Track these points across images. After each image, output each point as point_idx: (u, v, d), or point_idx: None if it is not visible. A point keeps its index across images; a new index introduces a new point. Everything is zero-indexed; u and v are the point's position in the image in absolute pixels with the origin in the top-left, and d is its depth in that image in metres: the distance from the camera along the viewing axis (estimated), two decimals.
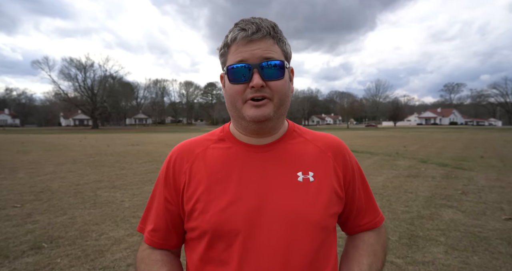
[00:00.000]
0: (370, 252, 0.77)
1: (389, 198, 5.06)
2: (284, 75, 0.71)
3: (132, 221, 3.92)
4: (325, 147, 0.79)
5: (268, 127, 0.74)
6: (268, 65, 0.68)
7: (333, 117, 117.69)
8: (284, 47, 0.73)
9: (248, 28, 0.68)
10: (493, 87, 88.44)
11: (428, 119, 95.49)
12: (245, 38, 0.68)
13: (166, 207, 0.78)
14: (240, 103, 0.71)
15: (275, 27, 0.71)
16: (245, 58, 0.68)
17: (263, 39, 0.69)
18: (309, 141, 0.80)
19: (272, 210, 0.69)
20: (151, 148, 14.98)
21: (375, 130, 45.20)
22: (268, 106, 0.69)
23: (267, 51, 0.68)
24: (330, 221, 0.73)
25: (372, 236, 0.82)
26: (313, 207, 0.70)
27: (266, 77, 0.68)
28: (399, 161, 9.64)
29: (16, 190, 5.61)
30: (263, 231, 0.68)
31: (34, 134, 33.44)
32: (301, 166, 0.74)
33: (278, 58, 0.70)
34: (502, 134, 29.74)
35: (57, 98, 71.07)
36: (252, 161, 0.74)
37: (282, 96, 0.71)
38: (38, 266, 2.71)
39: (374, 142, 19.32)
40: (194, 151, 0.79)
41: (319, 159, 0.77)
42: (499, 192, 5.46)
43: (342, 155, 0.80)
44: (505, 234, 3.43)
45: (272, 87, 0.69)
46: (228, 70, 0.71)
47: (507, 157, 10.55)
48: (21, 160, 10.06)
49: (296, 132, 0.82)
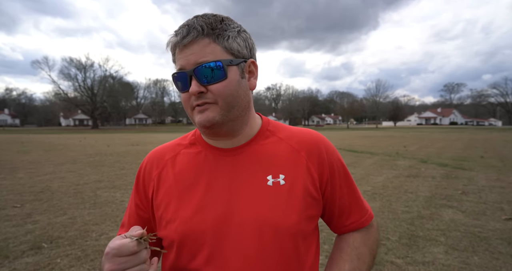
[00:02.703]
0: (353, 256, 0.73)
1: (389, 198, 5.06)
2: (226, 75, 0.64)
3: None
4: (298, 146, 0.73)
5: (222, 131, 0.69)
6: (202, 69, 0.62)
7: (333, 117, 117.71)
8: (226, 43, 0.64)
9: (179, 32, 0.63)
10: (493, 87, 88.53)
11: (428, 119, 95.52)
12: (177, 44, 0.64)
13: (138, 213, 0.78)
14: (189, 111, 0.68)
15: (215, 22, 0.64)
16: (183, 65, 0.64)
17: (196, 42, 0.63)
18: (282, 140, 0.74)
19: (240, 218, 0.66)
20: (151, 148, 14.89)
21: (375, 131, 45.16)
22: (212, 110, 0.65)
23: (200, 55, 0.63)
24: (305, 225, 0.69)
25: (358, 237, 0.77)
26: (284, 212, 0.66)
27: (203, 82, 0.63)
28: (399, 161, 9.64)
29: (16, 190, 5.61)
30: (230, 240, 0.66)
31: (34, 134, 33.44)
32: (272, 168, 0.70)
33: (214, 59, 0.63)
34: (502, 134, 29.74)
35: (57, 98, 71.10)
36: (221, 165, 0.71)
37: (228, 98, 0.65)
38: (38, 266, 2.71)
39: (374, 142, 19.32)
40: (164, 157, 0.77)
41: (291, 159, 0.71)
42: (499, 192, 5.46)
43: (318, 152, 0.73)
44: (505, 234, 3.43)
45: (213, 91, 0.64)
46: (172, 78, 0.68)
47: (507, 157, 10.55)
48: (21, 160, 10.06)
49: (270, 131, 0.76)
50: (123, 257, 0.54)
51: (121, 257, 0.54)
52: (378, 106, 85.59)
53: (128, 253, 0.54)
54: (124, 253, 0.54)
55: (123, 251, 0.54)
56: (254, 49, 0.72)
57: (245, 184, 0.69)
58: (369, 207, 0.82)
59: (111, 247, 0.55)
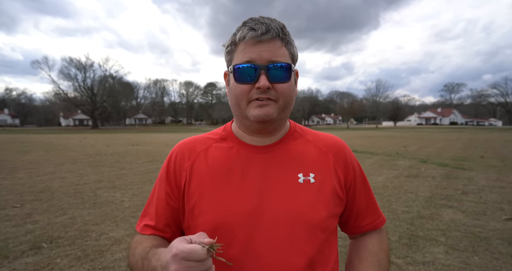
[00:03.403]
0: (375, 263, 0.76)
1: (389, 198, 5.06)
2: (290, 78, 0.71)
3: (132, 221, 3.91)
4: (326, 148, 0.79)
5: (270, 128, 0.75)
6: (275, 67, 0.68)
7: (333, 117, 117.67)
8: (292, 50, 0.72)
9: (258, 28, 0.67)
10: (493, 87, 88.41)
11: (428, 119, 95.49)
12: (254, 38, 0.67)
13: (168, 202, 0.78)
14: (244, 103, 0.71)
15: (284, 28, 0.70)
16: (253, 58, 0.68)
17: (272, 41, 0.68)
18: (310, 142, 0.80)
19: (272, 212, 0.69)
20: (151, 148, 14.97)
21: (375, 131, 45.16)
22: (272, 107, 0.69)
23: (275, 54, 0.68)
24: (331, 222, 0.74)
25: (375, 244, 0.81)
26: (314, 208, 0.71)
27: (272, 80, 0.68)
28: (399, 161, 9.63)
29: (16, 190, 5.61)
30: (263, 232, 0.69)
31: (34, 134, 33.43)
32: (302, 167, 0.75)
33: (286, 61, 0.69)
34: (502, 134, 29.73)
35: (57, 98, 71.03)
36: (253, 161, 0.75)
37: (287, 99, 0.71)
38: (38, 266, 2.71)
39: (374, 142, 19.32)
40: (196, 149, 0.79)
41: (320, 160, 0.77)
42: (499, 192, 5.46)
43: (344, 156, 0.79)
44: (505, 234, 3.43)
45: (278, 89, 0.69)
46: (234, 69, 0.70)
47: (507, 157, 10.55)
48: (21, 160, 10.06)
49: (298, 133, 0.82)
50: (191, 262, 0.54)
51: (189, 261, 0.54)
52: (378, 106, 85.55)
53: (198, 259, 0.54)
54: (193, 259, 0.54)
55: (193, 256, 0.54)
56: None
57: (277, 180, 0.72)
58: (381, 211, 0.87)
59: (181, 250, 0.54)
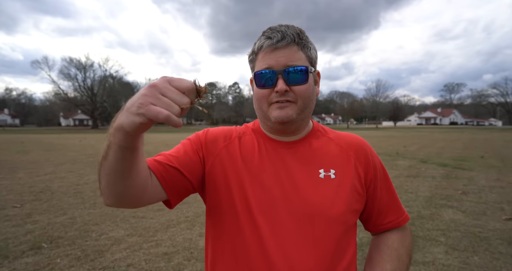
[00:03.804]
0: (394, 257, 0.78)
1: None
2: (307, 80, 0.75)
3: (132, 221, 3.91)
4: (347, 146, 0.83)
5: (292, 128, 0.79)
6: (292, 71, 0.72)
7: (333, 117, 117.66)
8: (309, 53, 0.76)
9: (274, 36, 0.72)
10: (493, 87, 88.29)
11: (428, 119, 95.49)
12: (270, 46, 0.72)
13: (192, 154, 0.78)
14: (265, 106, 0.76)
15: (301, 33, 0.74)
16: (271, 65, 0.73)
17: (288, 47, 0.73)
18: (332, 140, 0.84)
19: (293, 203, 0.73)
20: (151, 148, 14.96)
21: (375, 131, 45.18)
22: (292, 108, 0.74)
23: (291, 59, 0.72)
24: (350, 217, 0.77)
25: (396, 240, 0.83)
26: (333, 202, 0.74)
27: (290, 83, 0.73)
28: (399, 161, 9.63)
29: (16, 190, 5.61)
30: (283, 221, 0.72)
31: (34, 134, 33.43)
32: (323, 163, 0.79)
33: (302, 64, 0.73)
34: (502, 134, 29.74)
35: (57, 98, 71.00)
36: (279, 155, 0.80)
37: (306, 100, 0.76)
38: (37, 266, 2.71)
39: (374, 142, 19.32)
40: (232, 135, 0.85)
41: (341, 157, 0.80)
42: (499, 192, 5.46)
43: (364, 154, 0.83)
44: (505, 234, 3.43)
45: (296, 91, 0.74)
46: (255, 75, 0.76)
47: (507, 157, 10.55)
48: (21, 160, 10.06)
49: (320, 132, 0.86)
50: (171, 88, 0.49)
51: (169, 86, 0.49)
52: (378, 106, 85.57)
53: (182, 86, 0.50)
54: (178, 84, 0.50)
55: (179, 81, 0.50)
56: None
57: (299, 174, 0.77)
58: (405, 210, 0.88)
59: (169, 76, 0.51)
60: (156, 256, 2.94)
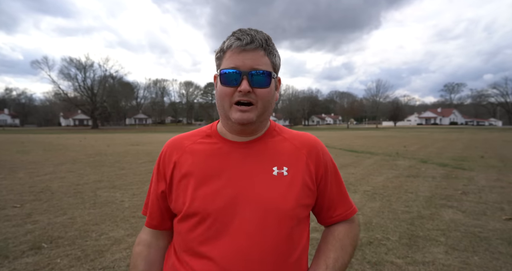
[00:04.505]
0: (337, 247, 0.85)
1: (389, 198, 5.06)
2: (270, 85, 0.79)
3: (132, 221, 3.91)
4: (300, 145, 0.87)
5: (251, 129, 0.84)
6: (256, 74, 0.76)
7: (333, 117, 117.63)
8: (274, 59, 0.80)
9: (243, 38, 0.76)
10: (493, 87, 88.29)
11: (428, 119, 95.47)
12: (239, 47, 0.76)
13: (158, 199, 0.90)
14: (227, 104, 0.79)
15: (268, 40, 0.79)
16: (237, 65, 0.76)
17: (255, 50, 0.76)
18: (286, 139, 0.88)
19: (248, 200, 0.78)
20: (151, 148, 14.97)
21: (375, 131, 45.15)
22: (252, 112, 0.78)
23: (257, 62, 0.76)
24: (301, 211, 0.82)
25: (342, 231, 0.89)
26: (285, 198, 0.79)
27: (253, 85, 0.77)
28: (399, 161, 9.63)
29: (16, 190, 5.61)
30: (239, 218, 0.77)
31: (33, 134, 33.44)
32: (277, 161, 0.83)
33: (266, 69, 0.78)
34: (502, 134, 29.73)
35: (57, 98, 70.97)
36: (233, 155, 0.84)
37: (266, 103, 0.80)
38: (37, 266, 2.71)
39: (374, 142, 19.32)
40: (183, 144, 0.89)
41: (294, 155, 0.85)
42: (499, 192, 5.46)
43: (316, 152, 0.87)
44: (505, 234, 3.43)
45: (258, 94, 0.78)
46: (221, 74, 0.79)
47: (507, 157, 10.55)
48: (21, 160, 10.06)
49: (276, 131, 0.91)
50: None
51: None
52: (378, 106, 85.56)
53: None
54: None
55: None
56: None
57: (254, 172, 0.81)
58: (353, 203, 0.95)
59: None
60: None
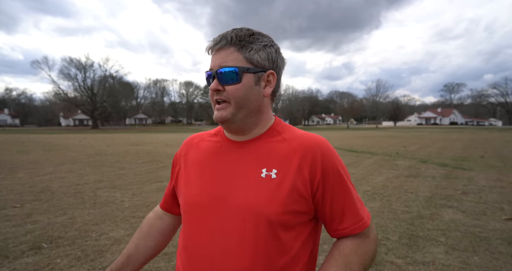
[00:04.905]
0: (340, 263, 0.76)
1: (389, 198, 5.06)
2: (240, 80, 0.76)
3: (132, 221, 3.91)
4: (297, 146, 0.80)
5: (233, 127, 0.82)
6: (223, 72, 0.76)
7: (333, 117, 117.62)
8: (248, 54, 0.77)
9: (214, 39, 0.78)
10: (493, 87, 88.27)
11: (428, 119, 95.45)
12: (210, 48, 0.79)
13: (169, 188, 1.00)
14: (213, 105, 0.82)
15: (244, 36, 0.77)
16: (211, 66, 0.79)
17: (223, 49, 0.77)
18: (285, 140, 0.82)
19: (230, 200, 0.77)
20: (151, 148, 14.97)
21: (375, 131, 45.16)
22: (226, 109, 0.78)
23: (224, 60, 0.76)
24: (289, 218, 0.75)
25: (348, 246, 0.79)
26: (268, 202, 0.74)
27: (222, 82, 0.77)
28: (399, 161, 9.63)
29: (16, 190, 5.61)
30: (219, 217, 0.78)
31: (34, 134, 33.43)
32: (268, 163, 0.79)
33: (234, 65, 0.76)
34: (502, 134, 29.74)
35: (57, 98, 70.95)
36: (229, 155, 0.84)
37: (239, 99, 0.78)
38: (37, 266, 2.71)
39: (374, 142, 19.32)
40: (193, 141, 0.95)
41: (287, 157, 0.79)
42: (499, 192, 5.46)
43: (313, 154, 0.78)
44: (505, 234, 3.43)
45: (228, 91, 0.77)
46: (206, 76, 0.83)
47: (507, 157, 10.55)
48: (21, 160, 10.06)
49: (277, 131, 0.85)
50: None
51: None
52: (378, 106, 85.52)
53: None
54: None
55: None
56: (279, 63, 0.83)
57: (243, 173, 0.79)
58: (366, 216, 0.82)
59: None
60: (156, 256, 2.94)
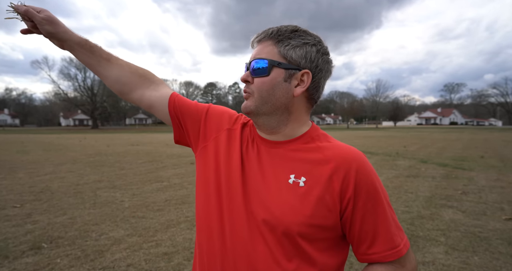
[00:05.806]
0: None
1: (389, 198, 5.05)
2: (268, 74, 0.73)
3: (132, 221, 3.91)
4: (331, 157, 0.74)
5: (259, 122, 0.79)
6: (254, 64, 0.75)
7: (333, 117, 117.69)
8: (283, 49, 0.73)
9: (257, 33, 0.78)
10: (493, 87, 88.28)
11: (428, 119, 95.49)
12: (252, 42, 0.79)
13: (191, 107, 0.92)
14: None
15: (286, 31, 0.74)
16: (251, 58, 0.78)
17: (262, 42, 0.76)
18: (319, 148, 0.77)
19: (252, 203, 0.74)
20: (151, 147, 14.97)
21: (375, 131, 45.15)
22: (250, 100, 0.77)
23: (259, 52, 0.75)
24: (312, 232, 0.70)
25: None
26: (292, 210, 0.70)
27: (252, 74, 0.76)
28: (399, 161, 9.63)
29: (16, 190, 5.61)
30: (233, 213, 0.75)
31: (33, 134, 33.43)
32: (296, 169, 0.74)
33: (265, 58, 0.73)
34: (502, 134, 29.74)
35: (57, 98, 71.02)
36: (259, 152, 0.81)
37: (262, 92, 0.74)
38: (37, 266, 2.71)
39: (374, 142, 19.31)
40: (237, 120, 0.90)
41: (318, 167, 0.73)
42: (499, 192, 5.46)
43: (347, 168, 0.72)
44: (505, 234, 3.43)
45: (254, 83, 0.76)
46: None
47: (507, 157, 10.55)
48: (21, 160, 10.06)
49: (312, 137, 0.80)
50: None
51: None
52: (378, 106, 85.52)
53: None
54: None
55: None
56: (319, 64, 0.77)
57: (271, 175, 0.76)
58: (402, 244, 0.73)
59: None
60: (156, 256, 2.94)
